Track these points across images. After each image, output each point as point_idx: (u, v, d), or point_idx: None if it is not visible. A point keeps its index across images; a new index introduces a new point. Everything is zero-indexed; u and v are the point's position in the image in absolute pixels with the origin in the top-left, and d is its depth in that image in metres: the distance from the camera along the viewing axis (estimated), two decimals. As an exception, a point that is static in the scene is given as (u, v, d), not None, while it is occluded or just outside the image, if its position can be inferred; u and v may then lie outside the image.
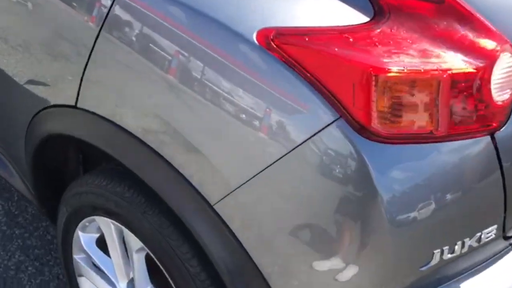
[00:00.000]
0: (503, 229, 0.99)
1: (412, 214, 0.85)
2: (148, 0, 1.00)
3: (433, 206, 0.86)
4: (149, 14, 0.98)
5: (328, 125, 0.83)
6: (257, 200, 0.93)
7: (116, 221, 1.27)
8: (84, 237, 1.45)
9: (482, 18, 0.88)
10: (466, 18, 0.87)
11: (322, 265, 0.91)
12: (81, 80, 1.13)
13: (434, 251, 0.89)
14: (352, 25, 0.87)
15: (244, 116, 0.88)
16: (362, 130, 0.83)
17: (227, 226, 1.01)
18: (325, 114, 0.83)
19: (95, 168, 1.49)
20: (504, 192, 0.93)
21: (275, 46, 0.85)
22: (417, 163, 0.85)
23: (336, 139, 0.83)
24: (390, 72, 0.79)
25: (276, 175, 0.88)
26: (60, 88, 1.22)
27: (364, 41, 0.84)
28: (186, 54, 0.93)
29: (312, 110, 0.84)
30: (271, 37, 0.85)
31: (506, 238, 1.06)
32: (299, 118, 0.85)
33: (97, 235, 1.44)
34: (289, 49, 0.84)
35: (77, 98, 1.15)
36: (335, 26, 0.86)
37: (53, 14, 1.20)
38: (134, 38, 1.01)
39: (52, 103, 1.24)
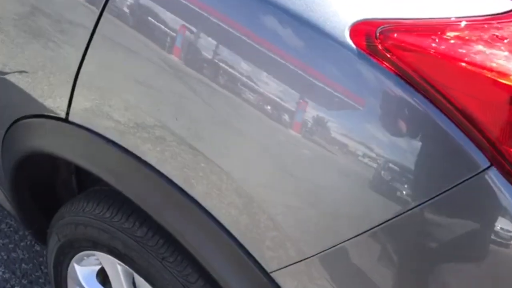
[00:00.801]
0: None
1: None
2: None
3: None
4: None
5: (472, 176, 0.53)
6: (345, 267, 0.65)
7: (125, 264, 0.98)
8: (82, 271, 1.17)
9: None
10: None
11: None
12: (75, 80, 0.81)
13: None
14: (495, 15, 0.56)
15: (336, 161, 0.58)
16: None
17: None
18: (468, 160, 0.54)
19: (91, 180, 1.19)
20: None
21: (383, 51, 0.54)
22: None
23: (483, 197, 0.55)
24: None
25: (381, 238, 0.59)
26: (45, 92, 0.89)
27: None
28: (239, 58, 0.62)
29: (446, 153, 0.55)
30: (377, 35, 0.54)
31: None
32: (423, 164, 0.56)
33: (98, 267, 1.16)
34: (408, 56, 0.53)
35: (68, 108, 0.83)
36: (475, 17, 0.55)
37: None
38: (156, 24, 0.69)
39: (34, 112, 0.92)
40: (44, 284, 1.67)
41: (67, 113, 0.83)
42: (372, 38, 0.55)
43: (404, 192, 0.55)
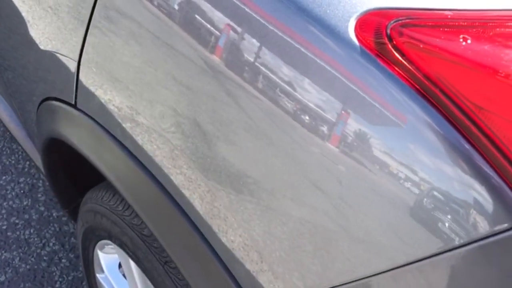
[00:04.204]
0: None
1: None
2: None
3: None
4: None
5: (502, 232, 0.39)
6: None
7: (133, 261, 0.93)
8: (104, 258, 1.14)
9: None
10: None
11: None
12: (79, 63, 0.75)
13: None
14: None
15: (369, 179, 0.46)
16: None
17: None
18: (504, 207, 0.39)
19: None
20: None
21: (392, 49, 0.41)
22: None
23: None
24: None
25: (414, 277, 0.47)
26: (58, 73, 0.85)
27: None
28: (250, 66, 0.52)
29: (478, 194, 0.40)
30: (388, 30, 0.41)
31: None
32: (451, 207, 0.42)
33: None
34: (426, 60, 0.40)
35: (75, 94, 0.78)
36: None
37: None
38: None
39: (53, 95, 0.89)
40: (89, 260, 1.70)
41: (75, 98, 0.78)
42: (382, 34, 0.41)
43: (447, 227, 0.41)
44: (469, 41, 0.39)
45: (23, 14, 0.97)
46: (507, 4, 0.41)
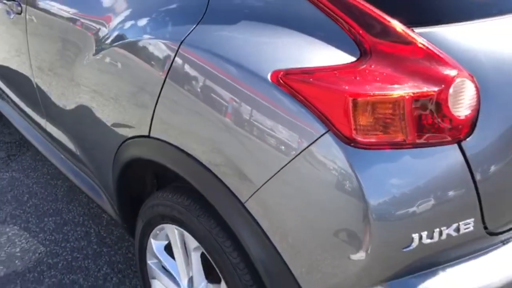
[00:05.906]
0: (482, 221, 1.20)
1: (391, 206, 1.10)
2: (201, 53, 1.37)
3: (408, 199, 1.11)
4: (202, 65, 1.36)
5: (320, 136, 1.13)
6: (276, 199, 1.23)
7: (179, 226, 1.61)
8: (156, 244, 1.81)
9: (443, 55, 1.15)
10: (431, 56, 1.15)
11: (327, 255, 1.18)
12: (153, 116, 1.53)
13: (413, 235, 1.13)
14: (342, 64, 1.18)
15: (261, 131, 1.21)
16: (346, 139, 1.11)
17: (258, 223, 1.31)
18: (318, 129, 1.13)
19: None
20: (475, 189, 1.16)
21: (283, 83, 1.18)
22: (395, 164, 1.11)
23: (326, 147, 1.13)
24: (362, 96, 1.08)
25: (284, 178, 1.18)
26: (138, 124, 1.62)
27: (349, 76, 1.14)
28: (230, 96, 1.29)
29: (309, 126, 1.14)
30: (280, 76, 1.18)
31: (492, 234, 1.26)
32: (300, 132, 1.16)
33: (166, 242, 1.79)
34: (293, 84, 1.16)
35: (149, 130, 1.54)
36: (328, 66, 1.18)
37: (134, 70, 1.63)
38: (191, 83, 1.39)
39: (132, 135, 1.65)
40: (133, 278, 2.32)
41: (149, 132, 1.54)
42: (278, 77, 1.18)
43: (291, 146, 1.15)
44: (311, 79, 1.16)
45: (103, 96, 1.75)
46: (326, 62, 1.20)
